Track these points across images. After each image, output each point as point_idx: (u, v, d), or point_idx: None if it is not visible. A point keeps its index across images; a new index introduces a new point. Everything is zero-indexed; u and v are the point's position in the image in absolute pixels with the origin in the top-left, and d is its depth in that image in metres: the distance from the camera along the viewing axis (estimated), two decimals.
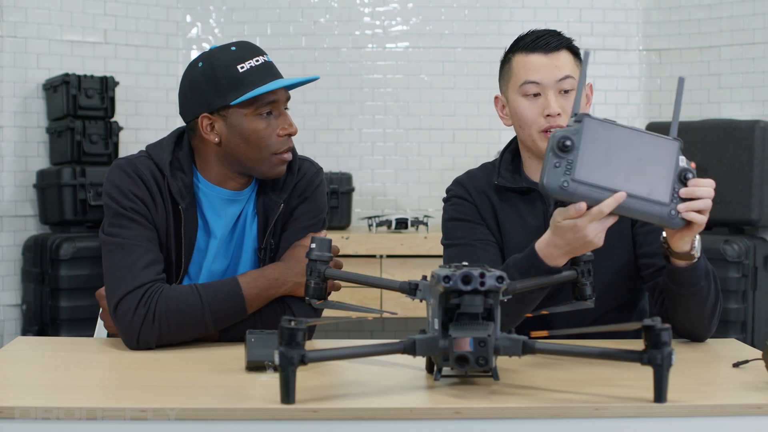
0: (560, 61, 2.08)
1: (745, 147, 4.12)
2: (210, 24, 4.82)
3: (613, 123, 1.68)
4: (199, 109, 2.02)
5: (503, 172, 2.15)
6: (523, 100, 2.09)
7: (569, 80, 2.07)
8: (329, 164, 4.71)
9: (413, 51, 4.80)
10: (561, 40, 2.10)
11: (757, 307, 4.05)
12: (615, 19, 4.79)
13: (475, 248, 2.08)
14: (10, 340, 3.21)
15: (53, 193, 4.24)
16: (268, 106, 2.01)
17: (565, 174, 1.65)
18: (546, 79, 2.07)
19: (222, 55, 2.01)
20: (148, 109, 4.73)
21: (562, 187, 1.66)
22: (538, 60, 2.08)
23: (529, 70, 2.08)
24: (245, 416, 1.47)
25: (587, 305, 1.84)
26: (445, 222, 2.18)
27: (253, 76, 1.99)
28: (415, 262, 4.14)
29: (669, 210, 1.69)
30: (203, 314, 1.94)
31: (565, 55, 2.09)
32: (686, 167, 1.69)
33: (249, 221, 2.11)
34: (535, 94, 2.08)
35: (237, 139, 2.01)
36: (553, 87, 2.06)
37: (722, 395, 1.57)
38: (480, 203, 2.15)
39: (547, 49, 2.08)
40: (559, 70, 2.07)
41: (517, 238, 2.08)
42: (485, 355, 1.50)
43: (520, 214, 2.11)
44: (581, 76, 1.73)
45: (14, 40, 4.40)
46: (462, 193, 2.17)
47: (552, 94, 2.06)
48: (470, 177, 2.20)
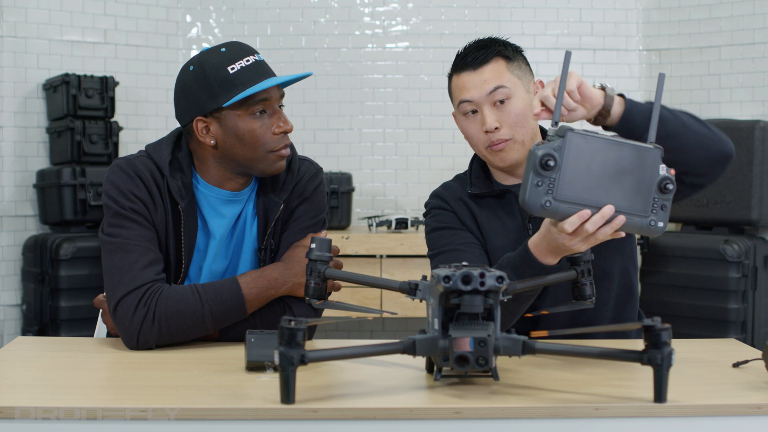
0: (486, 74, 2.08)
1: (745, 147, 4.12)
2: (210, 24, 4.82)
3: (595, 135, 1.67)
4: (193, 112, 2.02)
5: (475, 181, 2.19)
6: (464, 119, 2.13)
7: (501, 90, 2.06)
8: (329, 164, 4.71)
9: (413, 51, 4.80)
10: (488, 52, 2.09)
11: (757, 307, 4.05)
12: (615, 19, 4.79)
13: (460, 252, 2.09)
14: (10, 340, 3.21)
15: (53, 193, 4.24)
16: (260, 104, 2.01)
17: (547, 193, 1.65)
18: (477, 96, 2.08)
19: (212, 57, 2.01)
20: (148, 109, 4.73)
21: (544, 207, 1.66)
22: (468, 78, 2.10)
23: (461, 89, 2.11)
24: (245, 416, 1.47)
25: (587, 305, 1.84)
26: (428, 234, 2.21)
27: (244, 77, 1.99)
28: (415, 262, 4.14)
29: (649, 221, 1.68)
30: (203, 314, 1.94)
31: (495, 65, 2.09)
32: (666, 176, 1.68)
33: (249, 222, 2.11)
34: (473, 111, 2.10)
35: (232, 140, 2.01)
36: (485, 101, 2.07)
37: (722, 395, 1.57)
38: (459, 210, 2.17)
39: (474, 65, 2.09)
40: (487, 83, 2.07)
41: (500, 240, 2.11)
42: (485, 355, 1.50)
43: (498, 216, 2.14)
44: (561, 81, 1.71)
45: (14, 40, 4.40)
46: (440, 204, 2.20)
47: (487, 109, 2.07)
48: (446, 188, 2.24)
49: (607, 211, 1.66)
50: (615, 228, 1.68)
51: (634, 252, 2.17)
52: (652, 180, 1.67)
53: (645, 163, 1.67)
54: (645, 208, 1.68)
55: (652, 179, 1.67)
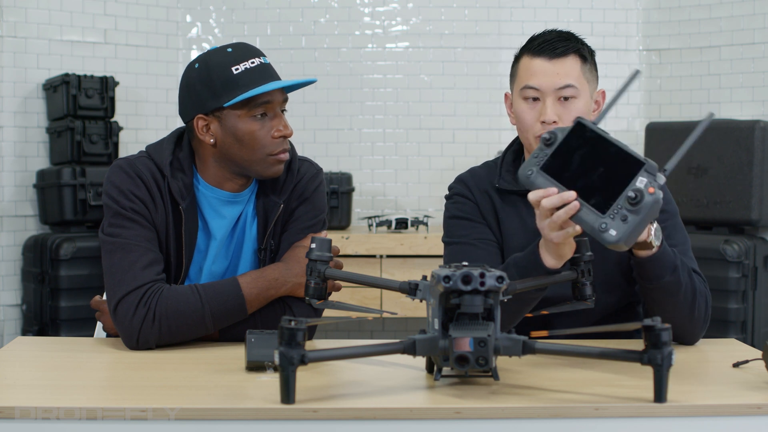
0: (563, 68, 2.03)
1: (745, 147, 4.12)
2: (210, 24, 4.82)
3: (601, 133, 1.69)
4: (194, 110, 2.02)
5: (504, 174, 2.14)
6: (523, 103, 2.07)
7: (570, 89, 2.03)
8: (329, 164, 4.71)
9: (413, 51, 4.80)
10: (568, 46, 2.05)
11: (757, 307, 4.05)
12: (615, 19, 4.79)
13: (475, 247, 2.07)
14: (10, 340, 3.21)
15: (53, 193, 4.24)
16: (261, 107, 2.01)
17: (536, 165, 1.73)
18: (545, 86, 2.03)
19: (218, 56, 2.01)
20: (148, 109, 4.73)
21: (527, 175, 1.75)
22: (541, 65, 2.04)
23: (531, 74, 2.05)
24: (245, 416, 1.47)
25: (587, 305, 1.84)
26: (447, 219, 2.17)
27: (248, 78, 1.99)
28: (415, 262, 4.14)
29: (601, 223, 1.65)
30: (203, 314, 1.94)
31: (571, 61, 2.05)
32: (639, 188, 1.63)
33: (249, 222, 2.11)
34: (535, 99, 2.05)
35: (231, 141, 2.01)
36: (552, 94, 2.03)
37: (722, 395, 1.57)
38: (481, 202, 2.14)
39: (552, 55, 2.04)
40: (561, 77, 2.03)
41: (518, 240, 2.08)
42: (485, 355, 1.50)
43: (520, 215, 2.11)
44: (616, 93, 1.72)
45: (14, 40, 4.40)
46: (464, 192, 2.16)
47: (551, 101, 2.03)
48: (473, 175, 2.19)
49: (567, 195, 1.69)
50: (569, 213, 1.69)
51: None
52: (623, 185, 1.65)
53: (623, 167, 1.66)
54: (603, 209, 1.66)
55: (623, 185, 1.65)
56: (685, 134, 1.71)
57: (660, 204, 1.65)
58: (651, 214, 1.64)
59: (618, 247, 1.65)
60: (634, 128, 4.74)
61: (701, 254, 4.12)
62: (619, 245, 1.64)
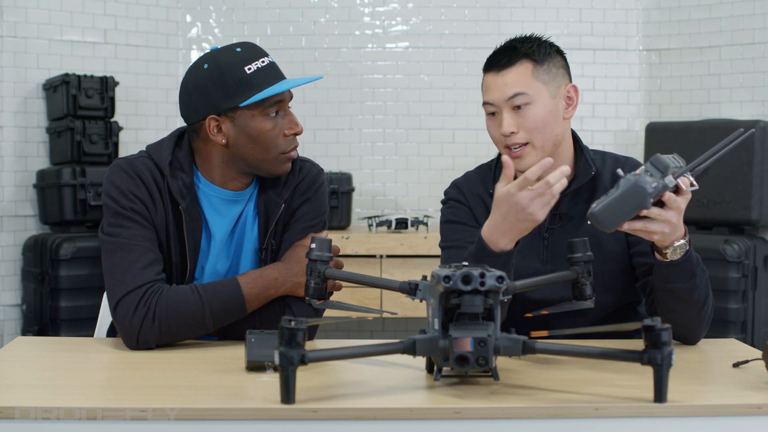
0: (510, 78, 2.06)
1: (745, 147, 4.12)
2: (210, 24, 4.82)
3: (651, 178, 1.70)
4: (206, 110, 2.02)
5: (497, 178, 2.16)
6: (487, 118, 2.13)
7: (520, 96, 2.05)
8: (329, 164, 4.71)
9: (413, 51, 4.80)
10: (513, 55, 2.07)
11: (757, 307, 4.05)
12: (615, 19, 4.79)
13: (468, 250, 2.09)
14: (10, 340, 3.21)
15: (53, 193, 4.23)
16: (275, 106, 2.02)
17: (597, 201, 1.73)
18: (496, 98, 2.07)
19: (228, 56, 2.01)
20: (148, 109, 4.73)
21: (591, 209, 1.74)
22: (491, 80, 2.09)
23: (485, 90, 2.11)
24: (245, 416, 1.47)
25: (587, 305, 1.84)
26: (442, 224, 2.22)
27: (260, 78, 2.00)
28: (415, 262, 4.14)
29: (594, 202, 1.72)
30: (203, 314, 1.94)
31: (519, 69, 2.06)
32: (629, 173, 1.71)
33: (250, 222, 2.11)
34: (493, 113, 2.10)
35: (245, 140, 2.02)
36: (505, 105, 2.06)
37: (722, 395, 1.57)
38: (475, 206, 2.17)
39: (498, 67, 2.08)
40: (508, 87, 2.05)
41: None
42: (485, 355, 1.50)
43: None
44: (716, 151, 1.80)
45: (14, 40, 4.40)
46: (458, 197, 2.20)
47: (506, 113, 2.06)
48: (467, 180, 2.23)
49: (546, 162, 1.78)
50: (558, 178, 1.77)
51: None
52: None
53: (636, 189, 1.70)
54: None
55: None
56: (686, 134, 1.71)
57: (644, 189, 1.67)
58: (632, 195, 1.68)
59: (598, 223, 1.69)
60: (634, 128, 4.74)
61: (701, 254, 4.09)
62: (598, 221, 1.69)
